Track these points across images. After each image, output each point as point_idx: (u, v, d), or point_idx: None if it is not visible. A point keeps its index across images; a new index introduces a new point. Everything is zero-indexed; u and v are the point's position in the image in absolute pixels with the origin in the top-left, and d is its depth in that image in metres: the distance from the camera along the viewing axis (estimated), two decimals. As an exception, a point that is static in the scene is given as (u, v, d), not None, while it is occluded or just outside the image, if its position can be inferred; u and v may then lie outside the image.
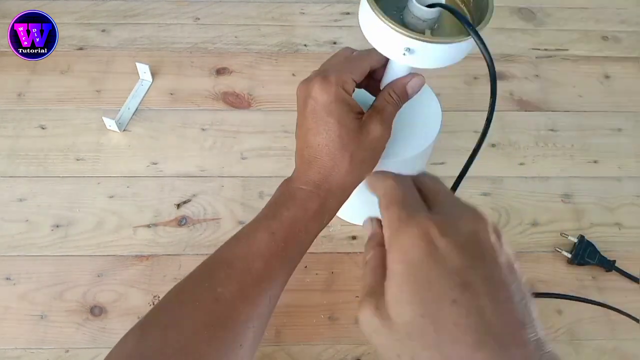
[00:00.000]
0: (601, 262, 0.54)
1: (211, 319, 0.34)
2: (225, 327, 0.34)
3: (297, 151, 0.40)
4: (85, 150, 0.61)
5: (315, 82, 0.38)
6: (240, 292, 0.35)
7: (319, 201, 0.38)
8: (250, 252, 0.37)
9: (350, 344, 0.50)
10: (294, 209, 0.38)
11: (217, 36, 0.73)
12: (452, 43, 0.35)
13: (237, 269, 0.36)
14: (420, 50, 0.35)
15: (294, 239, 0.38)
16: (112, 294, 0.52)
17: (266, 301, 0.37)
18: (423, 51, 0.35)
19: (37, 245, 0.55)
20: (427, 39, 0.34)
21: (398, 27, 0.34)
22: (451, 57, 0.36)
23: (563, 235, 0.57)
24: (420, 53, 0.35)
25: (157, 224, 0.56)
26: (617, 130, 0.66)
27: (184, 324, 0.34)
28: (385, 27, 0.35)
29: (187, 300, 0.36)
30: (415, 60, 0.36)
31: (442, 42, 0.34)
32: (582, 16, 0.79)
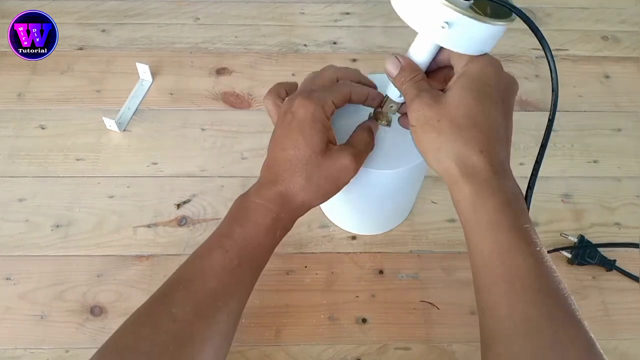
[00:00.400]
0: (602, 261, 0.54)
1: (168, 339, 0.34)
2: (184, 346, 0.35)
3: (263, 163, 0.41)
4: (85, 150, 0.61)
5: (298, 98, 0.39)
6: (196, 311, 0.36)
7: (272, 216, 0.39)
8: (204, 271, 0.37)
9: (350, 344, 0.50)
10: (247, 224, 0.38)
11: (217, 36, 0.73)
12: (495, 25, 0.34)
13: (192, 289, 0.37)
14: (459, 24, 0.33)
15: (247, 255, 0.38)
16: (112, 294, 0.52)
17: (224, 317, 0.37)
18: (461, 26, 0.33)
19: (37, 245, 0.55)
20: (474, 15, 0.33)
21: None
22: (484, 41, 0.35)
23: (563, 235, 0.57)
24: (457, 28, 0.33)
25: (157, 224, 0.57)
26: (617, 130, 0.66)
27: (141, 345, 0.34)
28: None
29: (145, 323, 0.36)
30: (449, 36, 0.34)
31: (486, 22, 0.33)
32: (582, 16, 0.79)
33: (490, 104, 0.35)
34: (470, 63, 0.36)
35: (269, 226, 0.39)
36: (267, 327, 0.51)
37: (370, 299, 0.53)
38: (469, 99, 0.34)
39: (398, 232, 0.57)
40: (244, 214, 0.39)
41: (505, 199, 0.33)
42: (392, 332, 0.51)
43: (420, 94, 0.36)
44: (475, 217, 0.34)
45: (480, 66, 0.35)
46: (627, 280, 0.55)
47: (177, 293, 0.37)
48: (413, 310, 0.52)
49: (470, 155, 0.34)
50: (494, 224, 0.33)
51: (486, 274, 0.34)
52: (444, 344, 0.50)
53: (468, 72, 0.35)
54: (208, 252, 0.38)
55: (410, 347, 0.50)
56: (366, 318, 0.52)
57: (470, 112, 0.34)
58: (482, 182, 0.33)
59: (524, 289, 0.32)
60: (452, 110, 0.35)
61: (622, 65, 0.73)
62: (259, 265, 0.40)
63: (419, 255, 0.56)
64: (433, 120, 0.35)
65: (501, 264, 0.33)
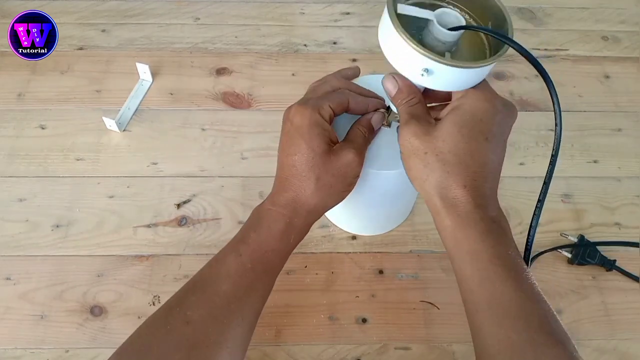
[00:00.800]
0: (602, 261, 0.54)
1: (182, 341, 0.35)
2: (197, 348, 0.35)
3: (276, 171, 0.42)
4: (85, 150, 0.61)
5: (294, 106, 0.40)
6: (210, 314, 0.36)
7: (285, 221, 0.39)
8: (218, 275, 0.38)
9: (350, 344, 0.50)
10: (260, 230, 0.39)
11: (217, 36, 0.73)
12: (473, 68, 0.34)
13: (206, 292, 0.37)
14: (440, 72, 0.34)
15: (260, 259, 0.39)
16: (112, 294, 0.52)
17: (238, 321, 0.38)
18: (442, 73, 0.34)
19: (37, 245, 0.55)
20: (450, 62, 0.33)
21: (419, 47, 0.33)
22: (468, 81, 0.36)
23: (563, 235, 0.57)
24: (439, 75, 0.34)
25: (157, 224, 0.56)
26: (617, 130, 0.66)
27: (155, 347, 0.35)
28: (405, 45, 0.34)
29: (160, 325, 0.37)
30: (432, 81, 0.35)
31: (464, 67, 0.34)
32: (582, 16, 0.79)
33: (480, 141, 0.35)
34: (463, 97, 0.36)
35: (283, 231, 0.39)
36: (267, 327, 0.51)
37: (370, 299, 0.53)
38: (456, 136, 0.34)
39: (398, 232, 0.57)
40: (258, 220, 0.40)
41: (485, 229, 0.34)
42: (392, 332, 0.51)
43: (410, 122, 0.36)
44: (457, 247, 0.35)
45: (473, 101, 0.35)
46: (627, 280, 0.55)
47: (191, 297, 0.37)
48: (413, 310, 0.52)
49: (453, 189, 0.35)
50: (474, 253, 0.34)
51: (471, 301, 0.35)
52: (444, 344, 0.50)
53: (460, 107, 0.35)
54: (222, 257, 0.39)
55: (410, 347, 0.50)
56: (366, 318, 0.52)
57: (457, 149, 0.34)
58: (463, 215, 0.34)
59: (505, 316, 0.33)
60: (439, 144, 0.35)
61: (622, 65, 0.73)
62: (273, 270, 0.40)
63: (419, 255, 0.56)
64: (420, 152, 0.36)
65: (483, 292, 0.34)
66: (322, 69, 0.69)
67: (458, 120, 0.35)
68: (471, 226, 0.34)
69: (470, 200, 0.34)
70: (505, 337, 0.32)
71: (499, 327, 0.33)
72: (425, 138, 0.35)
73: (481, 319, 0.34)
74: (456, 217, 0.35)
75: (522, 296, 0.33)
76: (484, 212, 0.34)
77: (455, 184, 0.34)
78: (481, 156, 0.35)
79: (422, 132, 0.36)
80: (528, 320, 0.32)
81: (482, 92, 0.35)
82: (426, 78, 0.35)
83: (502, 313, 0.33)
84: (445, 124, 0.35)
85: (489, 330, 0.33)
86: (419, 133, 0.36)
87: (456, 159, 0.34)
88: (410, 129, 0.36)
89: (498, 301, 0.33)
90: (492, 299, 0.33)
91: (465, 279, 0.35)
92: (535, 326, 0.32)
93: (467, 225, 0.34)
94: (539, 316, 0.33)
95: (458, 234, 0.35)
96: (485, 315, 0.34)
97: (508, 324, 0.33)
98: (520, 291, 0.33)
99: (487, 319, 0.34)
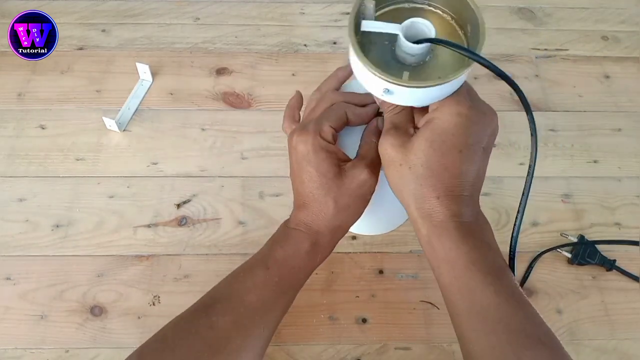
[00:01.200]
0: (602, 261, 0.54)
1: (205, 345, 0.36)
2: (219, 353, 0.36)
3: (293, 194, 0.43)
4: (85, 150, 0.61)
5: (295, 134, 0.40)
6: (234, 322, 0.37)
7: (310, 241, 0.40)
8: (245, 286, 0.39)
9: (350, 344, 0.50)
10: (288, 247, 0.40)
11: (217, 36, 0.73)
12: (427, 87, 0.34)
13: (233, 301, 0.38)
14: (399, 92, 0.35)
15: (287, 274, 0.40)
16: (112, 294, 0.52)
17: (259, 332, 0.39)
18: (402, 93, 0.35)
19: (37, 245, 0.55)
20: (404, 82, 0.34)
21: (376, 70, 0.34)
22: (434, 97, 0.36)
23: (563, 235, 0.57)
24: (400, 95, 0.35)
25: (157, 224, 0.56)
26: (617, 130, 0.66)
27: (178, 348, 0.36)
28: (364, 69, 0.34)
29: (183, 328, 0.38)
30: (396, 99, 0.36)
31: (418, 86, 0.34)
32: (582, 16, 0.79)
33: (453, 154, 0.35)
34: (437, 110, 0.36)
35: (309, 250, 0.40)
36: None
37: (370, 299, 0.53)
38: (428, 150, 0.35)
39: (398, 232, 0.57)
40: (285, 237, 0.41)
41: (459, 237, 0.34)
42: (392, 332, 0.51)
43: (389, 132, 0.37)
44: (434, 255, 0.36)
45: (445, 116, 0.35)
46: (627, 280, 0.55)
47: (217, 304, 0.38)
48: (413, 310, 0.52)
49: (427, 200, 0.35)
50: (449, 261, 0.35)
51: (452, 308, 0.36)
52: (444, 344, 0.50)
53: (433, 121, 0.36)
54: (250, 269, 0.40)
55: (410, 347, 0.50)
56: (366, 318, 0.52)
57: (429, 163, 0.35)
58: (437, 224, 0.35)
59: (485, 321, 0.33)
60: (412, 158, 0.35)
61: (622, 65, 0.73)
62: (298, 285, 0.41)
63: (419, 255, 0.55)
64: (396, 163, 0.36)
65: (462, 299, 0.34)
66: (322, 69, 0.69)
67: (429, 135, 0.35)
68: (445, 235, 0.35)
69: (444, 211, 0.35)
70: (486, 342, 0.33)
71: (480, 332, 0.33)
72: (400, 150, 0.36)
73: (463, 325, 0.35)
74: (431, 227, 0.35)
75: (501, 300, 0.33)
76: (458, 220, 0.35)
77: (429, 195, 0.35)
78: (455, 168, 0.35)
79: (398, 144, 0.36)
80: (508, 324, 0.33)
81: (456, 106, 0.35)
82: (388, 97, 0.35)
83: (482, 319, 0.33)
84: (419, 138, 0.36)
85: (471, 336, 0.34)
86: (395, 144, 0.36)
87: (429, 172, 0.35)
88: (388, 139, 0.37)
89: (477, 307, 0.34)
90: (471, 306, 0.34)
91: (445, 287, 0.36)
92: (515, 329, 0.33)
93: (441, 234, 0.35)
94: (519, 318, 0.33)
95: (434, 242, 0.35)
96: (466, 322, 0.34)
97: (489, 329, 0.33)
98: (499, 295, 0.33)
99: (468, 326, 0.34)
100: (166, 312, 0.51)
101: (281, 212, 0.58)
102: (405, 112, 0.38)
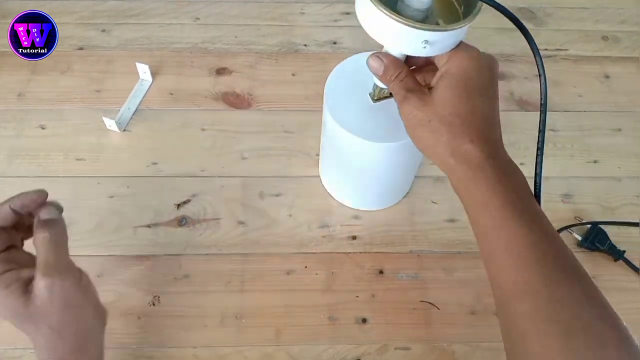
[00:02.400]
0: (611, 249, 0.55)
1: None
2: None
3: None
4: (85, 150, 0.61)
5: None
6: None
7: None
8: None
9: (350, 344, 0.50)
10: None
11: (217, 36, 0.73)
12: (463, 27, 0.36)
13: None
14: (437, 40, 0.36)
15: None
16: (112, 294, 0.52)
17: None
18: (440, 41, 0.37)
19: (37, 245, 0.54)
20: (446, 28, 0.36)
21: (417, 24, 0.35)
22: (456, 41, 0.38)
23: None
24: (437, 43, 0.37)
25: (157, 224, 0.56)
26: (617, 130, 0.66)
27: None
28: (402, 27, 0.36)
29: None
30: (431, 49, 0.37)
31: (457, 28, 0.36)
32: (582, 16, 0.79)
33: (474, 96, 0.37)
34: (449, 62, 0.38)
35: None
36: (267, 327, 0.51)
37: (370, 299, 0.53)
38: (453, 98, 0.37)
39: (398, 232, 0.57)
40: None
41: (497, 179, 0.36)
42: (392, 332, 0.51)
43: (407, 96, 0.38)
44: (471, 197, 0.37)
45: (459, 62, 0.37)
46: (628, 280, 0.55)
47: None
48: (413, 310, 0.52)
49: (462, 145, 0.36)
50: (486, 202, 0.36)
51: (485, 248, 0.36)
52: (444, 344, 0.50)
53: (449, 71, 0.38)
54: None
55: (410, 347, 0.50)
56: (366, 318, 0.52)
57: (456, 109, 0.37)
58: (475, 166, 0.36)
59: (519, 258, 0.34)
60: (439, 110, 0.37)
61: (622, 65, 0.73)
62: None
63: (419, 255, 0.56)
64: (424, 121, 0.37)
65: (496, 239, 0.35)
66: (322, 69, 0.69)
67: (450, 84, 0.37)
68: (482, 176, 0.36)
69: (479, 154, 0.36)
70: (520, 279, 0.34)
71: (513, 270, 0.34)
72: (425, 108, 0.37)
73: (497, 264, 0.35)
74: (468, 170, 0.36)
75: (535, 237, 0.34)
76: (494, 161, 0.36)
77: (463, 141, 0.36)
78: (480, 110, 0.37)
79: (421, 104, 0.37)
80: (541, 259, 0.33)
81: (467, 52, 0.38)
82: (428, 49, 0.37)
83: (516, 255, 0.34)
84: (440, 90, 0.37)
85: (505, 275, 0.35)
86: (419, 105, 0.38)
87: (459, 119, 0.36)
88: (410, 103, 0.38)
89: (512, 245, 0.34)
90: (506, 244, 0.35)
91: (480, 227, 0.36)
92: (549, 264, 0.33)
93: (479, 175, 0.36)
94: (552, 254, 0.34)
95: (471, 184, 0.36)
96: (501, 260, 0.35)
97: (522, 265, 0.34)
98: (533, 233, 0.34)
99: (502, 264, 0.35)
100: (166, 312, 0.51)
101: (281, 212, 0.58)
102: (411, 77, 0.39)
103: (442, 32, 0.36)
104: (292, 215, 0.58)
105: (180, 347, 0.49)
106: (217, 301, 0.52)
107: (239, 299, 0.52)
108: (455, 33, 0.37)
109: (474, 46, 0.39)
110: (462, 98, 0.37)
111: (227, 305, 0.52)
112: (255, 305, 0.52)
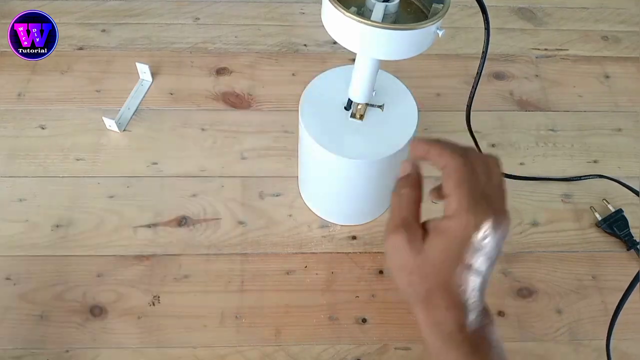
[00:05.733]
0: (627, 237, 0.56)
1: None
2: None
3: None
4: (85, 150, 0.61)
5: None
6: None
7: None
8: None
9: (350, 344, 0.50)
10: None
11: (217, 36, 0.73)
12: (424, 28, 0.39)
13: None
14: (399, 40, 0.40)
15: None
16: (112, 294, 0.52)
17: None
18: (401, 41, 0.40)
19: (37, 245, 0.55)
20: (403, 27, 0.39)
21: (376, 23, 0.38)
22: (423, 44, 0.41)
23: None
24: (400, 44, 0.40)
25: (157, 224, 0.56)
26: (617, 130, 0.66)
27: None
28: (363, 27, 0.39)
29: None
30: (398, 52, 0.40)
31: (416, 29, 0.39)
32: (582, 16, 0.79)
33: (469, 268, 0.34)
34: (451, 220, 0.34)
35: None
36: (267, 327, 0.51)
37: (370, 299, 0.53)
38: (443, 265, 0.34)
39: (398, 232, 0.57)
40: None
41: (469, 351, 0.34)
42: (392, 332, 0.51)
43: (399, 231, 0.35)
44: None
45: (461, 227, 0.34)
46: (627, 280, 0.55)
47: None
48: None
49: (436, 309, 0.34)
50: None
51: None
52: (444, 344, 0.50)
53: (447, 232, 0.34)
54: None
55: (410, 347, 0.50)
56: (366, 318, 0.52)
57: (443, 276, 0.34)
58: (447, 336, 0.34)
59: None
60: (427, 269, 0.34)
61: (622, 65, 0.73)
62: None
63: (419, 255, 0.55)
64: (407, 269, 0.35)
65: None
66: (322, 69, 0.69)
67: (443, 247, 0.34)
68: (453, 349, 0.34)
69: (452, 321, 0.34)
70: None
71: None
72: (414, 258, 0.35)
73: None
74: (440, 337, 0.34)
75: None
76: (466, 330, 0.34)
77: (439, 305, 0.34)
78: (469, 281, 0.34)
79: (410, 249, 0.35)
80: None
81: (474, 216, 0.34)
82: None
83: None
84: (434, 250, 0.34)
85: None
86: (407, 249, 0.35)
87: (441, 285, 0.34)
88: (399, 239, 0.35)
89: None
90: None
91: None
92: None
93: (450, 346, 0.34)
94: None
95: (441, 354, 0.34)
96: None
97: None
98: None
99: None
100: (166, 312, 0.51)
101: (281, 212, 0.58)
102: (416, 205, 0.36)
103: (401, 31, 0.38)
104: (292, 215, 0.58)
105: (180, 347, 0.49)
106: (217, 301, 0.52)
107: (238, 299, 0.52)
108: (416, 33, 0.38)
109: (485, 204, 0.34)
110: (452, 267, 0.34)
111: (227, 305, 0.52)
112: (255, 305, 0.52)
